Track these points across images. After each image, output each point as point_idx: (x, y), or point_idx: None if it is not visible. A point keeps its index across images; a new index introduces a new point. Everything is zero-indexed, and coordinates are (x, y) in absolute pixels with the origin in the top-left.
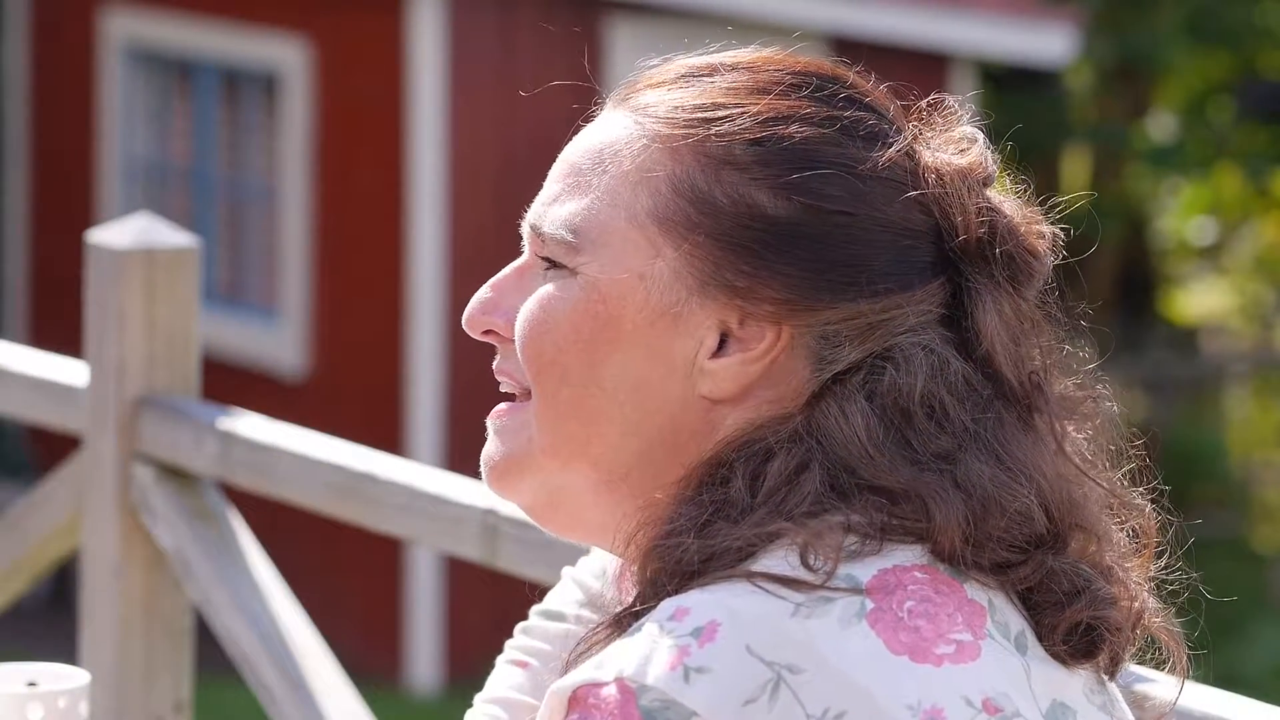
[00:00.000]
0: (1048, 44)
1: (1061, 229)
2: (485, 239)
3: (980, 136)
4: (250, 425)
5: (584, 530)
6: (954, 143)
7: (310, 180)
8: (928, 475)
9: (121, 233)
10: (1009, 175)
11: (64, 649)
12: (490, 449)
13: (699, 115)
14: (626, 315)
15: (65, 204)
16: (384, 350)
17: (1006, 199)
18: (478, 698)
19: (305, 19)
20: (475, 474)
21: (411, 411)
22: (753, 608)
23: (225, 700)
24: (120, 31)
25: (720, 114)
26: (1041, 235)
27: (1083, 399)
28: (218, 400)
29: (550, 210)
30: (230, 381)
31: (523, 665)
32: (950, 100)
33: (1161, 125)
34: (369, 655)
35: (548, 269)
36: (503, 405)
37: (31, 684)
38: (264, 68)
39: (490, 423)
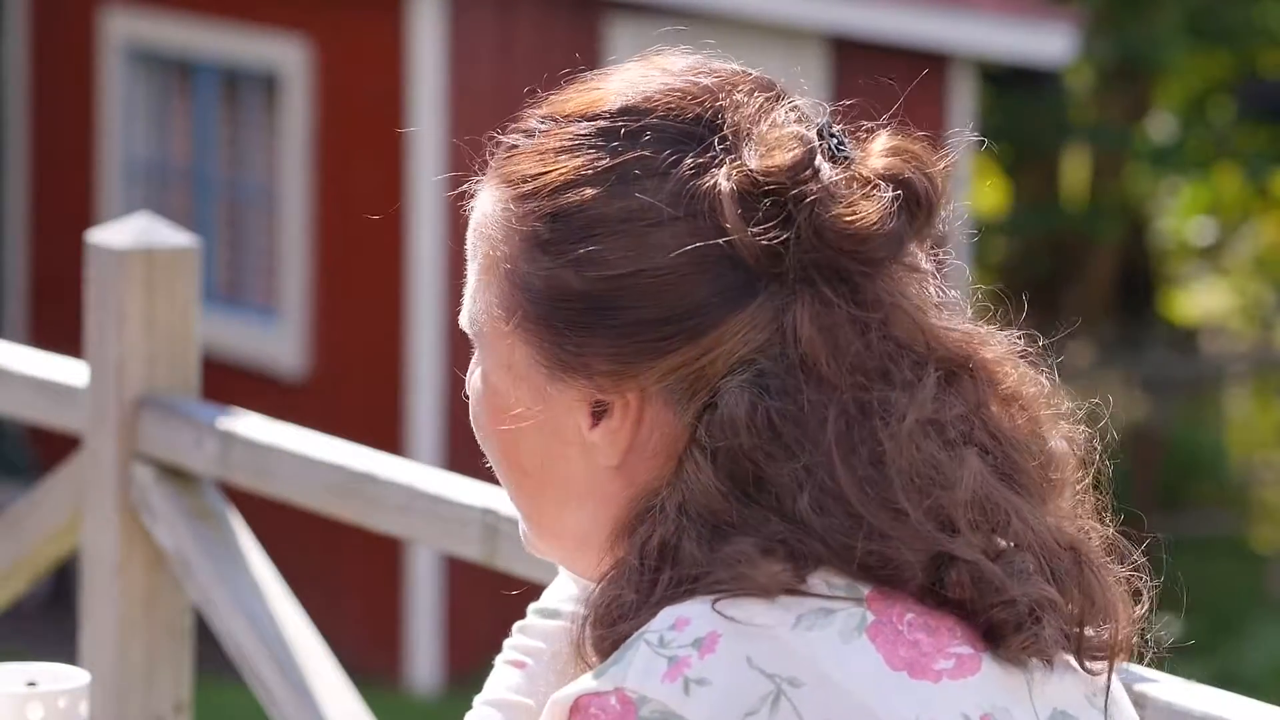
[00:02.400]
0: (1048, 44)
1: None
2: None
3: (787, 109)
4: (250, 425)
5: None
6: (768, 129)
7: (310, 180)
8: (784, 531)
9: (121, 233)
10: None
11: (64, 649)
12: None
13: (519, 190)
14: (513, 404)
15: (65, 204)
16: (384, 350)
17: (841, 169)
18: (476, 699)
19: (305, 19)
20: (475, 474)
21: (411, 411)
22: (753, 619)
23: (225, 700)
24: (120, 31)
25: (528, 187)
26: (877, 200)
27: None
28: (218, 400)
29: (465, 301)
30: (230, 381)
31: (520, 665)
32: (774, 81)
33: (1161, 125)
34: (369, 655)
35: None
36: None
37: (31, 684)
38: (264, 68)
39: None
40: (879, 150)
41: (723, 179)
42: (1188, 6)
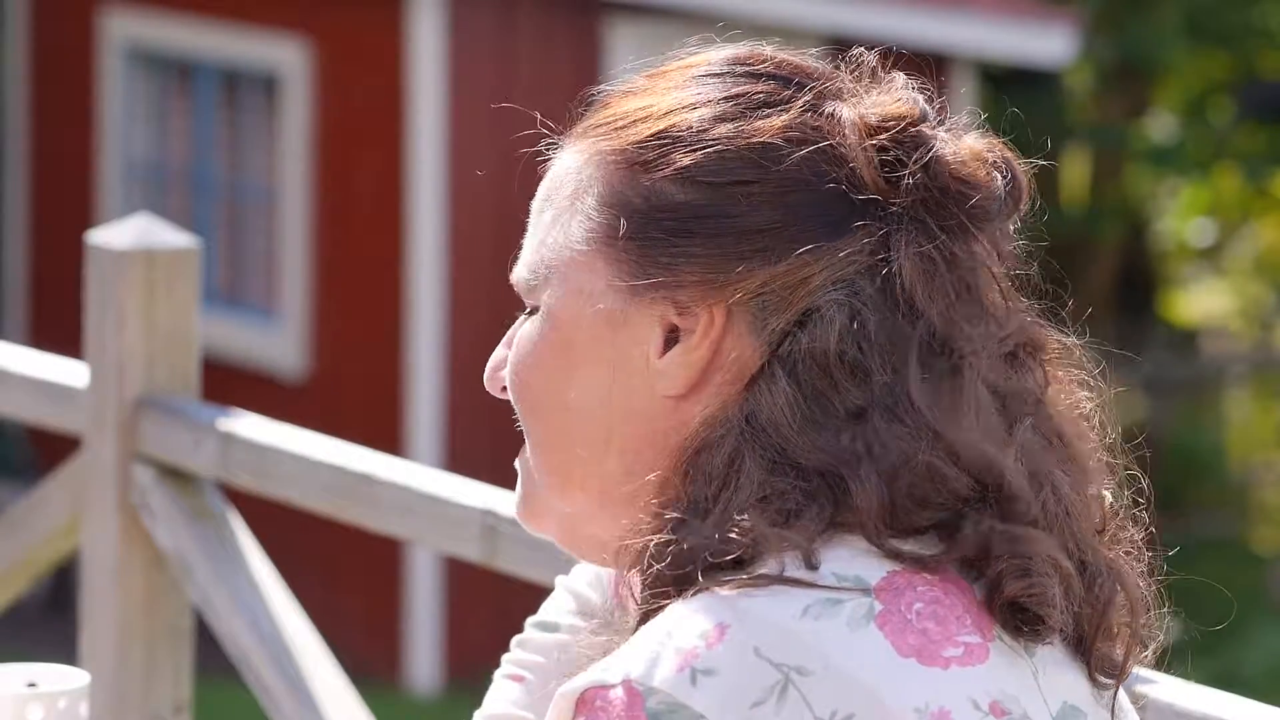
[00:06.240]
0: (1048, 44)
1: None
2: (485, 239)
3: (902, 80)
4: (250, 426)
5: (604, 554)
6: (880, 95)
7: (310, 180)
8: (843, 450)
9: (121, 233)
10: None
11: (63, 650)
12: (516, 491)
13: (617, 124)
14: (578, 335)
15: (65, 204)
16: (384, 350)
17: (952, 137)
18: (476, 715)
19: (305, 19)
20: (475, 474)
21: (411, 411)
22: (761, 609)
23: (225, 701)
24: (120, 31)
25: (633, 117)
26: (986, 165)
27: (1049, 347)
28: (218, 400)
29: (519, 263)
30: (230, 382)
31: (519, 680)
32: (871, 58)
33: (1161, 126)
34: (369, 655)
35: (528, 314)
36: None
37: (31, 685)
38: (264, 68)
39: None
40: (975, 137)
41: (845, 110)
42: (1188, 7)
